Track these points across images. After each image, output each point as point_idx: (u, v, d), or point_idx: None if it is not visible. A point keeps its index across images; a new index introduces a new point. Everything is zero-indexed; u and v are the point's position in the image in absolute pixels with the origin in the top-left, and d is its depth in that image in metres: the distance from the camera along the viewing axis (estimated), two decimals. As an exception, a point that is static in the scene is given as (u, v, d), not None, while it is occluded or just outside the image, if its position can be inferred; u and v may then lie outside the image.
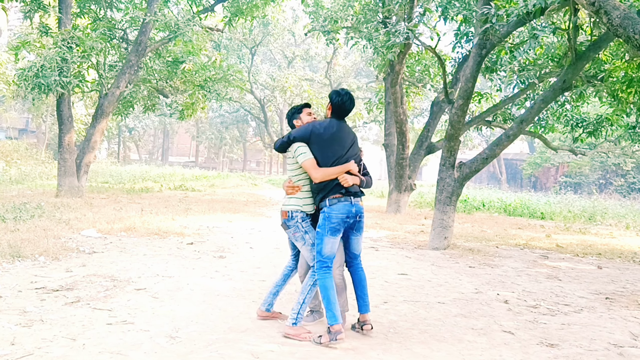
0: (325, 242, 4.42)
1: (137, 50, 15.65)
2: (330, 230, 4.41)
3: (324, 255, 4.41)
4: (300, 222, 4.53)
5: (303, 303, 4.51)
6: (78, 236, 8.71)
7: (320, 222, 4.45)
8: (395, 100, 14.85)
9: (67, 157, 14.76)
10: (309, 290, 4.52)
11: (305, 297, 4.51)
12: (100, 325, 4.49)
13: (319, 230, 4.45)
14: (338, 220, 4.43)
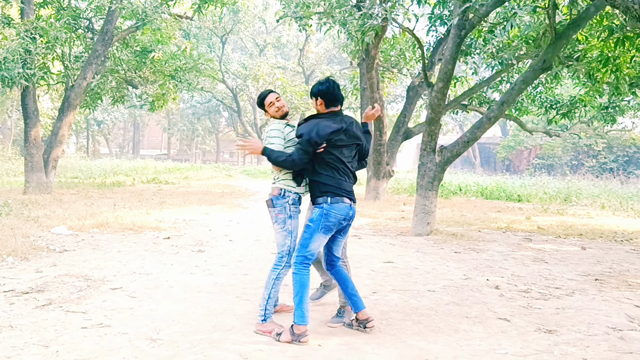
0: (315, 238, 4.19)
1: (104, 40, 15.09)
2: (325, 228, 4.18)
3: (308, 250, 4.19)
4: (289, 204, 4.26)
5: (269, 298, 4.26)
6: (48, 234, 8.30)
7: (315, 217, 4.20)
8: (372, 85, 14.63)
9: (34, 153, 14.19)
10: (272, 285, 4.27)
11: (270, 292, 4.27)
12: (75, 329, 4.18)
13: (311, 224, 4.20)
14: (336, 220, 4.20)
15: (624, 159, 32.42)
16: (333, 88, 4.35)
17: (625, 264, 7.60)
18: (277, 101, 4.46)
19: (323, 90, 4.33)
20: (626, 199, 18.60)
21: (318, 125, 4.20)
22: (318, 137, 4.15)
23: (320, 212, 4.19)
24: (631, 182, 24.82)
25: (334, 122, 4.26)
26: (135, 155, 50.18)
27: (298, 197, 4.33)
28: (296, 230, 4.29)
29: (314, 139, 4.14)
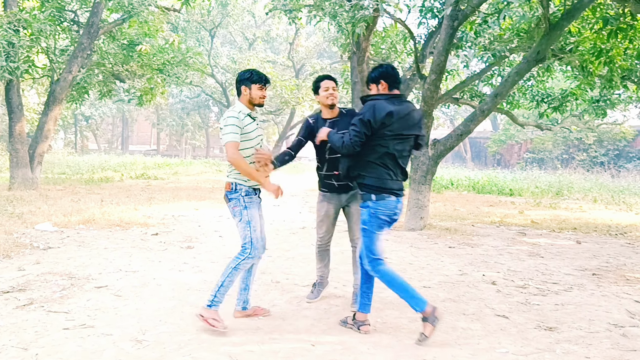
0: (376, 239, 4.05)
1: (89, 33, 14.77)
2: (379, 226, 4.04)
3: (375, 253, 4.06)
4: (242, 196, 4.16)
5: (221, 286, 4.11)
6: (32, 231, 8.07)
7: (366, 219, 4.04)
8: (363, 79, 14.40)
9: (18, 148, 13.88)
10: (229, 274, 4.12)
11: (224, 280, 4.12)
12: (56, 330, 3.99)
13: (366, 227, 4.05)
14: (386, 216, 4.03)
15: (614, 152, 32.50)
16: (393, 68, 4.13)
17: (622, 258, 7.49)
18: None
19: (385, 72, 4.10)
20: (617, 192, 18.58)
21: (374, 106, 3.94)
22: (372, 118, 3.89)
23: (368, 213, 4.03)
24: (622, 176, 24.84)
25: (393, 104, 3.98)
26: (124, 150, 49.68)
27: (252, 190, 4.20)
28: (255, 220, 4.14)
29: (367, 118, 3.90)
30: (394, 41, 16.37)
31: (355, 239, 4.69)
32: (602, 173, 25.96)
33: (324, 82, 4.58)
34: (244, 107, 4.20)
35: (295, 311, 4.71)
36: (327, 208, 4.72)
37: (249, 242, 4.13)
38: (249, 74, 4.21)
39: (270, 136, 51.79)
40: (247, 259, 4.14)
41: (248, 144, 4.17)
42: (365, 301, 4.27)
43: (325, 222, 4.77)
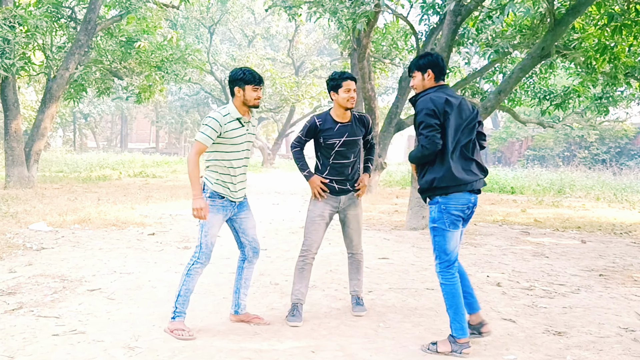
0: (448, 238, 3.73)
1: (87, 29, 14.59)
2: (451, 223, 3.72)
3: (448, 252, 3.74)
4: (207, 197, 3.98)
5: (178, 295, 3.97)
6: (26, 231, 7.90)
7: (436, 216, 3.74)
8: (363, 76, 14.27)
9: (14, 146, 13.71)
10: (183, 281, 3.98)
11: (180, 289, 3.97)
12: (45, 336, 3.83)
13: (436, 225, 3.75)
14: (459, 211, 3.72)
15: (616, 150, 32.31)
16: (442, 59, 3.88)
17: (628, 258, 7.34)
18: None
19: (434, 61, 3.82)
20: (620, 190, 18.42)
21: (430, 98, 3.68)
22: (434, 107, 3.61)
23: (438, 209, 3.73)
24: (624, 174, 24.67)
25: (446, 93, 3.73)
26: (123, 148, 49.47)
27: (216, 194, 3.99)
28: (208, 225, 3.95)
29: (430, 108, 3.61)
30: (394, 38, 16.21)
31: (354, 245, 4.49)
32: (603, 171, 25.78)
33: (347, 82, 4.21)
34: (235, 111, 3.97)
35: (295, 315, 4.55)
36: (323, 209, 4.34)
37: (198, 246, 3.99)
38: (242, 74, 3.95)
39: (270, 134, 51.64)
40: (196, 264, 3.98)
41: (232, 148, 3.97)
42: (470, 299, 3.95)
43: (318, 225, 4.33)
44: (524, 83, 15.52)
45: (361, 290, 4.63)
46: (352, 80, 4.24)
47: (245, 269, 4.28)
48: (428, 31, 15.27)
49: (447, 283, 3.76)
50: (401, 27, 16.18)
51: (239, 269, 4.29)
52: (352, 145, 4.32)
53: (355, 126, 4.33)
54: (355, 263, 4.57)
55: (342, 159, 4.30)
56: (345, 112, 4.31)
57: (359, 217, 4.48)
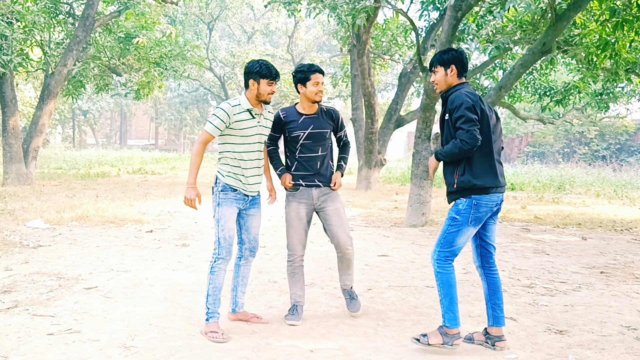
0: (463, 232, 3.65)
1: (85, 26, 14.50)
2: (475, 220, 3.64)
3: (455, 245, 3.68)
4: (218, 191, 3.93)
5: (208, 295, 3.92)
6: (23, 228, 7.84)
7: (464, 209, 3.63)
8: (363, 72, 14.22)
9: (12, 143, 13.63)
10: (209, 280, 3.94)
11: (208, 288, 3.93)
12: (40, 336, 3.77)
13: (459, 217, 3.64)
14: (487, 209, 3.65)
15: (615, 146, 32.25)
16: (464, 52, 3.81)
17: (629, 255, 7.29)
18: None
19: (458, 57, 3.73)
20: (620, 186, 18.38)
21: (466, 93, 3.60)
22: (472, 102, 3.53)
23: (469, 203, 3.62)
24: (624, 170, 24.63)
25: (473, 92, 3.68)
26: (123, 145, 49.41)
27: (229, 187, 3.92)
28: (224, 218, 3.88)
29: (470, 103, 3.52)
30: (394, 34, 16.13)
31: (341, 244, 4.22)
32: (604, 167, 25.75)
33: (315, 75, 4.08)
34: (246, 102, 3.89)
35: (293, 313, 4.50)
36: (298, 209, 4.17)
37: (216, 242, 3.91)
38: (258, 67, 3.87)
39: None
40: (217, 260, 3.91)
41: (242, 140, 3.89)
42: (497, 312, 3.82)
43: (296, 227, 4.18)
44: (524, 79, 15.45)
45: (352, 282, 4.42)
46: (320, 73, 4.12)
47: (242, 266, 4.21)
48: (428, 27, 15.20)
49: (442, 272, 3.69)
50: (401, 22, 16.09)
51: (236, 267, 4.22)
52: (319, 138, 4.15)
53: (321, 119, 4.18)
54: (345, 261, 4.33)
55: (308, 153, 4.15)
56: (312, 105, 4.18)
57: (340, 211, 4.24)
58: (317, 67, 4.15)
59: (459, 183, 3.66)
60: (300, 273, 4.30)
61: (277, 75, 3.91)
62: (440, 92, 3.84)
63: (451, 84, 3.76)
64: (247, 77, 3.90)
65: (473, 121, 3.52)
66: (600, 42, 10.43)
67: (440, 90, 3.83)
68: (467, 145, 3.51)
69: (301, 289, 4.32)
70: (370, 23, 12.69)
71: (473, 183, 3.61)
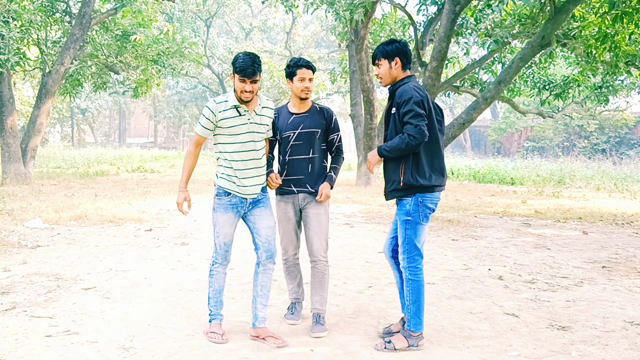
0: (420, 231, 3.65)
1: (81, 24, 14.42)
2: (425, 217, 3.64)
3: (418, 245, 3.65)
4: (214, 196, 3.80)
5: (209, 298, 3.85)
6: (21, 228, 7.80)
7: (411, 208, 3.60)
8: (361, 67, 14.15)
9: (10, 142, 13.58)
10: (209, 283, 3.85)
11: (209, 291, 3.84)
12: (38, 338, 3.74)
13: (409, 218, 3.61)
14: (433, 205, 3.66)
15: (615, 139, 32.19)
16: (407, 44, 3.73)
17: (631, 249, 7.26)
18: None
19: (401, 49, 3.66)
20: (620, 180, 18.34)
21: (414, 87, 3.53)
22: (420, 96, 3.48)
23: (414, 202, 3.60)
24: (624, 163, 24.58)
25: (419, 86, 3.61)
26: (122, 143, 49.32)
27: (223, 191, 3.74)
28: (219, 225, 3.73)
29: (418, 97, 3.47)
30: (393, 29, 16.07)
31: (313, 251, 3.96)
32: (603, 160, 25.71)
33: (301, 71, 3.84)
34: (234, 98, 3.63)
35: (293, 312, 4.46)
36: (285, 209, 4.00)
37: (213, 247, 3.82)
38: (235, 59, 3.58)
39: (269, 127, 51.38)
40: (214, 264, 3.83)
41: (230, 140, 3.66)
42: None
43: (285, 228, 4.03)
44: (524, 73, 15.41)
45: (324, 308, 4.01)
46: (308, 68, 3.87)
47: (260, 274, 3.85)
48: (426, 21, 15.15)
49: (414, 279, 3.65)
50: (399, 17, 16.05)
51: (255, 275, 3.89)
52: (310, 138, 3.92)
53: (312, 117, 3.95)
54: (317, 274, 4.00)
55: (298, 155, 3.92)
56: (302, 103, 3.97)
57: (321, 218, 3.96)
58: (304, 61, 3.92)
59: (406, 181, 3.59)
60: (295, 270, 4.17)
61: (252, 73, 3.51)
62: (385, 86, 3.80)
63: (396, 77, 3.70)
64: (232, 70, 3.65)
65: (422, 116, 3.46)
66: (600, 34, 10.39)
67: (385, 84, 3.77)
68: (414, 141, 3.44)
69: (298, 285, 4.21)
70: (368, 18, 12.63)
71: (420, 182, 3.57)
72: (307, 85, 3.88)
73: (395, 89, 3.68)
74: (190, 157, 3.77)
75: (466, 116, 9.00)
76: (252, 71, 3.52)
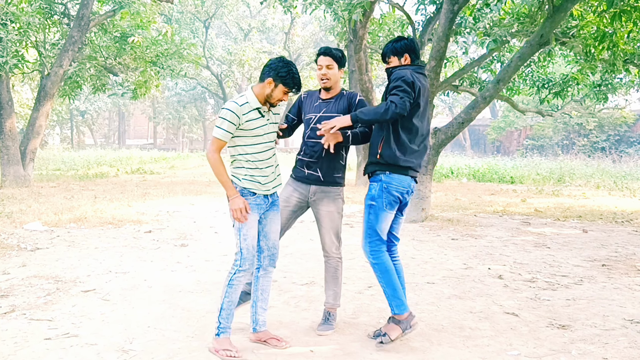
0: (382, 217, 3.66)
1: (80, 26, 14.42)
2: (389, 204, 3.65)
3: (379, 231, 3.67)
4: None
5: (221, 309, 3.57)
6: (21, 231, 7.79)
7: (376, 193, 3.66)
8: (360, 67, 14.14)
9: (9, 145, 13.58)
10: (225, 293, 3.59)
11: (223, 302, 3.57)
12: (37, 340, 3.73)
13: (374, 203, 3.67)
14: (398, 193, 3.66)
15: (615, 138, 32.19)
16: (415, 40, 3.84)
17: (631, 247, 7.26)
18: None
19: (410, 45, 3.78)
20: (620, 178, 18.35)
21: (410, 72, 3.62)
22: (413, 80, 3.54)
23: (380, 187, 3.64)
24: (623, 161, 24.59)
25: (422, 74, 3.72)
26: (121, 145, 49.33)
27: (248, 192, 3.57)
28: (246, 227, 3.55)
29: (410, 79, 3.53)
30: (391, 28, 16.04)
31: (326, 247, 3.98)
32: (603, 159, 25.70)
33: (320, 59, 3.89)
34: (254, 100, 3.53)
35: (293, 312, 4.47)
36: (290, 194, 3.95)
37: (238, 253, 3.58)
38: (286, 73, 3.51)
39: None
40: (238, 272, 3.57)
41: (255, 141, 3.55)
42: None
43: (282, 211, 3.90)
44: (523, 72, 15.39)
45: (337, 302, 4.05)
46: (325, 55, 3.86)
47: (261, 278, 3.78)
48: (425, 21, 15.13)
49: (378, 262, 3.67)
50: (398, 17, 16.02)
51: (255, 279, 3.80)
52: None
53: (337, 103, 3.92)
54: (330, 270, 4.03)
55: (316, 137, 3.86)
56: (330, 91, 3.96)
57: (333, 215, 3.93)
58: (322, 49, 3.93)
59: (383, 153, 3.65)
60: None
61: (298, 89, 3.61)
62: None
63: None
64: (268, 73, 3.53)
65: (408, 93, 3.50)
66: (598, 33, 10.38)
67: None
68: (394, 108, 3.44)
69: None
70: (366, 18, 12.62)
71: (395, 159, 3.62)
72: (324, 72, 3.87)
73: (393, 70, 3.72)
74: (219, 164, 3.51)
75: (465, 115, 8.99)
76: (300, 87, 3.63)
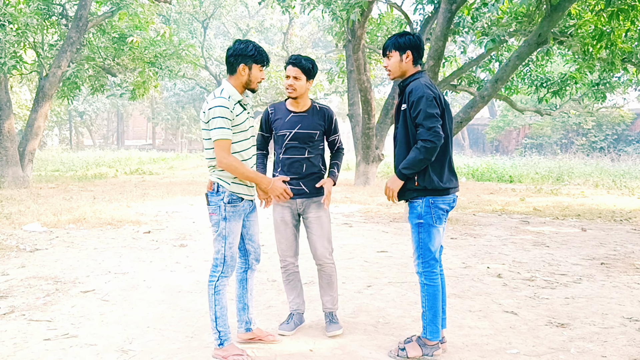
0: (434, 234, 3.45)
1: (78, 26, 14.42)
2: (438, 219, 3.44)
3: (433, 249, 3.46)
4: (224, 203, 3.39)
5: (216, 318, 3.45)
6: (20, 232, 7.79)
7: (423, 211, 3.42)
8: (359, 67, 14.15)
9: (8, 146, 13.57)
10: (214, 302, 3.45)
11: (215, 311, 3.45)
12: (37, 341, 3.73)
13: (422, 221, 3.43)
14: (445, 205, 3.45)
15: (613, 136, 32.23)
16: (421, 38, 3.55)
17: (629, 246, 7.27)
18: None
19: (414, 42, 3.46)
20: (618, 176, 18.38)
21: (426, 84, 3.35)
22: (434, 94, 3.29)
23: (426, 204, 3.42)
24: (622, 160, 24.63)
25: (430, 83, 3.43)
26: (120, 146, 49.28)
27: (237, 197, 3.43)
28: (233, 235, 3.44)
29: (431, 95, 3.27)
30: (389, 28, 16.06)
31: (318, 255, 3.87)
32: (601, 157, 25.74)
33: (287, 68, 3.72)
34: (235, 92, 3.38)
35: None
36: (283, 213, 3.85)
37: (220, 259, 3.44)
38: (253, 51, 3.36)
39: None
40: (221, 279, 3.46)
41: (241, 137, 3.41)
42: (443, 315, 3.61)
43: (283, 232, 3.87)
44: (521, 71, 15.42)
45: (335, 306, 4.00)
46: (294, 65, 3.70)
47: (249, 280, 3.75)
48: (423, 20, 15.14)
49: (430, 284, 3.48)
50: (396, 17, 16.04)
51: (243, 282, 3.74)
52: (307, 139, 3.78)
53: (312, 118, 3.81)
54: (324, 277, 3.95)
55: (294, 154, 3.78)
56: (298, 101, 3.82)
57: (322, 220, 3.85)
58: (292, 58, 3.77)
59: (420, 181, 3.42)
60: (295, 279, 3.99)
61: (269, 60, 3.49)
62: (393, 79, 3.63)
63: (406, 72, 3.51)
64: (236, 60, 3.38)
65: (435, 117, 3.28)
66: (596, 32, 10.39)
67: (393, 77, 3.57)
68: (431, 145, 3.27)
69: (298, 296, 4.03)
70: (364, 18, 12.63)
71: (435, 185, 3.40)
72: (290, 83, 3.73)
73: (405, 84, 3.51)
74: (238, 164, 3.34)
75: (464, 115, 9.00)
76: (269, 59, 3.47)
